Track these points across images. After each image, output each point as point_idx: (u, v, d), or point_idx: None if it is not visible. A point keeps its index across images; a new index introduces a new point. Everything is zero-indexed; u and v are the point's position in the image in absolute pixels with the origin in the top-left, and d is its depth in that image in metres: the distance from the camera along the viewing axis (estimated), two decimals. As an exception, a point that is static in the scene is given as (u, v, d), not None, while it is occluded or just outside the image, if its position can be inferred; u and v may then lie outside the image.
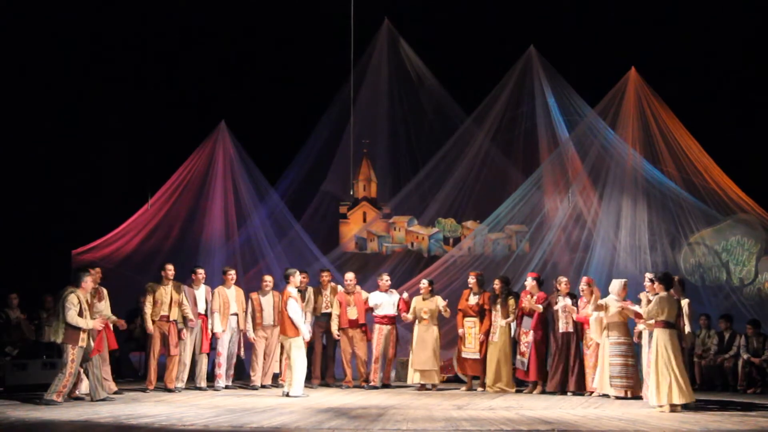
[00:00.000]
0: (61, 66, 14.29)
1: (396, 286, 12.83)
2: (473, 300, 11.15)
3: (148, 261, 13.37)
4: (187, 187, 14.40)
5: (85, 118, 14.61)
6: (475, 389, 11.03)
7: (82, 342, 9.06)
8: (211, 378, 11.17)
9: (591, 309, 9.95)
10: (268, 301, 11.15)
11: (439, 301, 11.23)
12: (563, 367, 10.43)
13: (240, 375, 11.72)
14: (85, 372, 9.25)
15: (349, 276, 11.63)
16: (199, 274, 11.02)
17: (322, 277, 11.72)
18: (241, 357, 11.61)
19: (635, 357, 9.92)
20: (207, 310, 11.03)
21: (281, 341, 10.36)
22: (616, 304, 9.93)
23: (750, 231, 13.64)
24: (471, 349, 11.07)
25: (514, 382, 10.87)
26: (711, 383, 11.64)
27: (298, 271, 10.51)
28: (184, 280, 10.96)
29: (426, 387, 11.10)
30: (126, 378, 12.00)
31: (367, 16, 14.10)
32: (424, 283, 11.45)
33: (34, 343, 11.64)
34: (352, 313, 11.36)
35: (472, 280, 11.28)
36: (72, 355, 8.99)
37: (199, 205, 14.42)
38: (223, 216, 14.48)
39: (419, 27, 15.20)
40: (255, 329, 11.08)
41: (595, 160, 14.02)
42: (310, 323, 11.07)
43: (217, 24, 15.17)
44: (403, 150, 15.30)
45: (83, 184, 14.48)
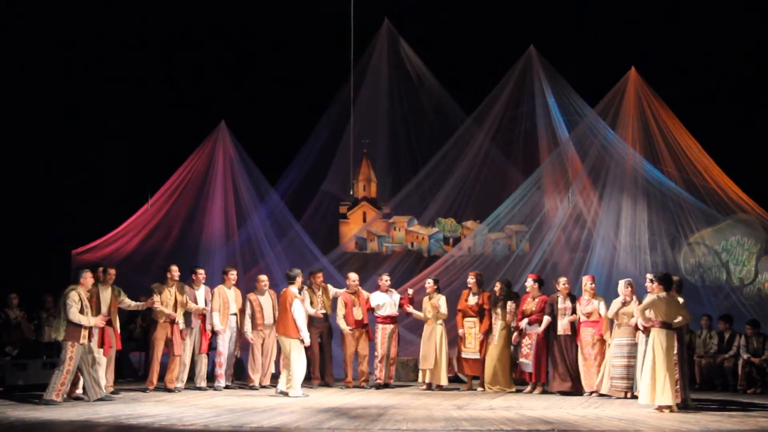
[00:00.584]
0: (61, 66, 14.29)
1: (396, 286, 12.82)
2: (473, 300, 11.15)
3: (148, 261, 13.39)
4: (187, 187, 14.41)
5: (85, 118, 14.61)
6: (475, 389, 11.03)
7: (83, 339, 9.11)
8: (211, 378, 11.16)
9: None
10: (266, 301, 11.14)
11: (441, 300, 11.24)
12: (562, 367, 10.44)
13: (240, 375, 11.71)
14: (80, 371, 9.25)
15: (353, 276, 11.60)
16: (200, 275, 11.00)
17: (315, 278, 11.66)
18: (239, 357, 11.61)
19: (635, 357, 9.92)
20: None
21: (280, 340, 10.30)
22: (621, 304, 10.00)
23: (750, 231, 13.65)
24: (471, 349, 11.08)
25: (512, 383, 10.86)
26: (711, 383, 11.64)
27: (301, 273, 10.52)
28: (184, 281, 10.94)
29: (431, 387, 11.11)
30: (126, 378, 11.99)
31: (367, 16, 14.10)
32: (429, 283, 11.45)
33: (34, 342, 11.63)
34: (358, 313, 11.36)
35: (471, 280, 11.29)
36: (71, 352, 9.02)
37: (199, 205, 14.43)
38: (223, 216, 14.49)
39: (419, 27, 15.20)
40: (255, 329, 11.07)
41: (595, 160, 14.03)
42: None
43: (217, 24, 15.17)
44: (403, 150, 15.30)
45: (83, 184, 14.48)
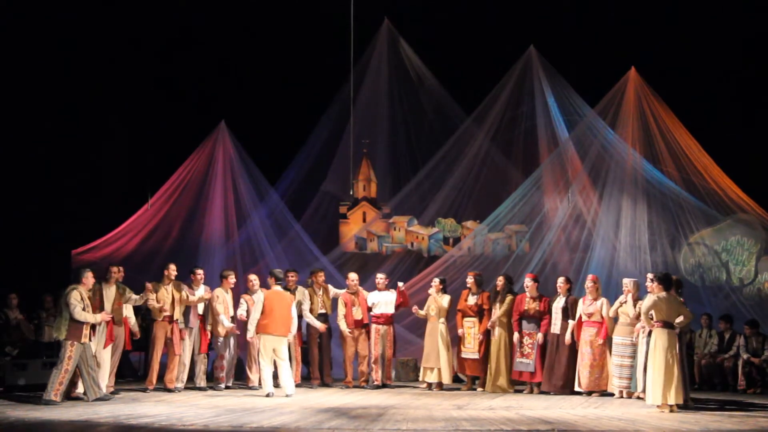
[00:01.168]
0: (61, 66, 14.29)
1: (395, 286, 12.81)
2: (472, 300, 11.15)
3: (148, 261, 13.38)
4: (187, 187, 14.41)
5: (85, 118, 14.61)
6: (475, 389, 11.03)
7: (84, 338, 9.14)
8: (210, 378, 11.16)
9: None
10: (260, 300, 11.10)
11: (446, 300, 11.24)
12: (561, 367, 10.44)
13: (240, 375, 11.71)
14: (79, 370, 9.25)
15: (353, 276, 11.59)
16: (198, 275, 10.98)
17: (316, 278, 11.65)
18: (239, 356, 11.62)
19: (635, 357, 9.92)
20: (205, 310, 11.01)
21: (278, 341, 10.20)
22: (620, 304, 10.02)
23: (750, 231, 13.65)
24: (470, 349, 11.07)
25: (512, 384, 10.85)
26: (711, 383, 11.64)
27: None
28: (184, 281, 10.94)
29: (431, 387, 11.11)
30: (126, 378, 11.99)
31: (367, 16, 14.11)
32: (435, 282, 11.44)
33: (34, 343, 11.64)
34: (358, 313, 11.35)
35: (470, 280, 11.28)
36: (70, 351, 9.03)
37: (199, 205, 14.43)
38: (223, 216, 14.49)
39: (419, 27, 15.19)
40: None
41: (595, 160, 14.03)
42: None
43: (217, 24, 15.17)
44: (403, 150, 15.30)
45: (83, 184, 14.47)
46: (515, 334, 10.73)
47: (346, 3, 13.34)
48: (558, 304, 10.63)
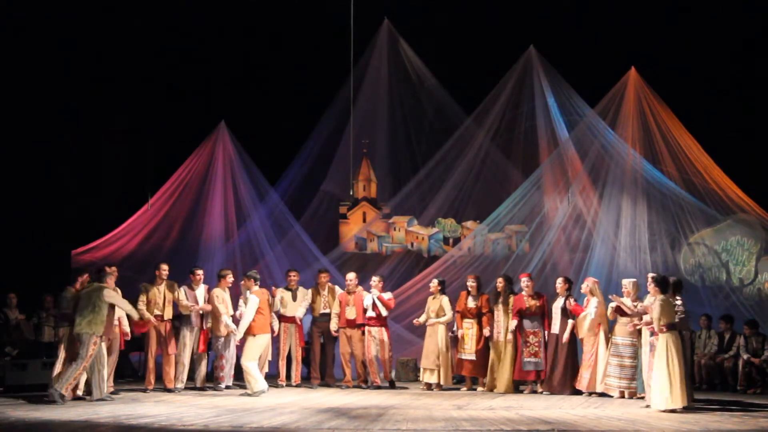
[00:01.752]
0: (61, 66, 14.29)
1: (396, 287, 12.84)
2: (472, 303, 11.14)
3: (148, 261, 13.36)
4: (187, 187, 14.41)
5: (85, 118, 14.61)
6: (475, 389, 11.03)
7: (106, 337, 9.28)
8: (210, 378, 11.16)
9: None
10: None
11: (444, 301, 11.23)
12: (561, 367, 10.44)
13: (240, 375, 11.70)
14: (90, 369, 9.26)
15: (351, 276, 11.61)
16: (198, 275, 10.98)
17: (320, 278, 11.69)
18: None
19: (636, 358, 9.90)
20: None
21: (263, 339, 10.38)
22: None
23: (750, 231, 13.65)
24: (469, 350, 11.06)
25: (512, 385, 10.83)
26: (711, 383, 11.64)
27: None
28: (184, 280, 10.94)
29: (430, 387, 11.10)
30: (126, 378, 11.99)
31: (367, 16, 14.11)
32: (433, 283, 11.45)
33: (34, 342, 11.64)
34: (351, 313, 11.35)
35: (472, 284, 11.23)
36: (92, 349, 9.08)
37: (199, 205, 14.43)
38: (223, 216, 14.49)
39: (419, 27, 15.19)
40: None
41: (595, 160, 14.02)
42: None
43: (217, 24, 15.17)
44: (403, 150, 15.29)
45: (83, 184, 14.48)
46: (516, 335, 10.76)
47: (346, 3, 13.34)
48: (557, 304, 10.64)
